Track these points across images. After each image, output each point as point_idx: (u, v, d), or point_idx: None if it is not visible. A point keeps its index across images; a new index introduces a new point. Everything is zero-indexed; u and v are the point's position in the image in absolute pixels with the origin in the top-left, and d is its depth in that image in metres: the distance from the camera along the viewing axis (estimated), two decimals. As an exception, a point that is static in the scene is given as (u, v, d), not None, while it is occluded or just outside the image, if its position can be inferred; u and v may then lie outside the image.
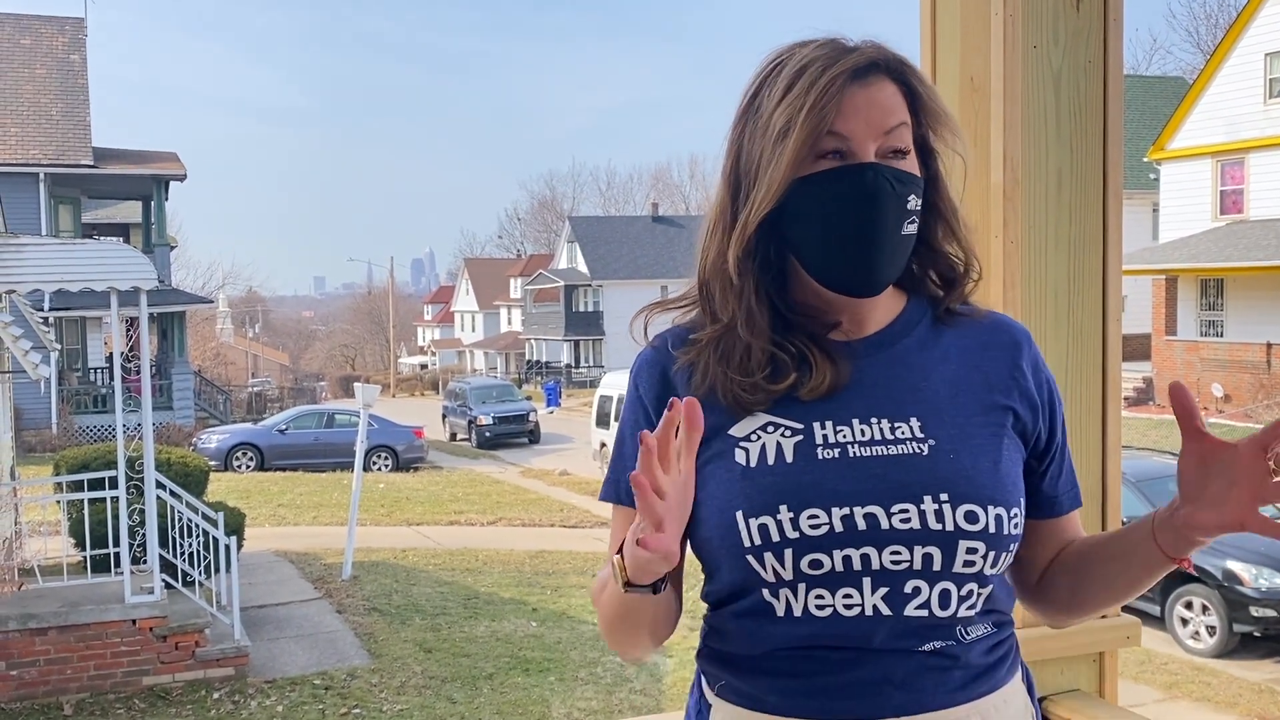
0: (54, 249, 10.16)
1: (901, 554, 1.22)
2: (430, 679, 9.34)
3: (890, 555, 1.22)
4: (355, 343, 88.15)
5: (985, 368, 1.33)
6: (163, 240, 30.15)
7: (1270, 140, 25.33)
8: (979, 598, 1.26)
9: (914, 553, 1.22)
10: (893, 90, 1.26)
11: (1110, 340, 1.87)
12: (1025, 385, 1.33)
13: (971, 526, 1.22)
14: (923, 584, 1.23)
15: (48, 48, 30.12)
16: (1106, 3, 1.83)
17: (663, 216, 65.85)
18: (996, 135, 1.79)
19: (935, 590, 1.23)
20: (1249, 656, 10.58)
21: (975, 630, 1.27)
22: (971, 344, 1.34)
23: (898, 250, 1.26)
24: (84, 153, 28.15)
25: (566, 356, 59.76)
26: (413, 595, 12.19)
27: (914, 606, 1.23)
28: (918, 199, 1.27)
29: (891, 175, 1.24)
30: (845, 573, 1.23)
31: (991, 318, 1.39)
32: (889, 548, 1.22)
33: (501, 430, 31.82)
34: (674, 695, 9.13)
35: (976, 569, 1.24)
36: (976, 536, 1.23)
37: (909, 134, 1.27)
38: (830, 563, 1.22)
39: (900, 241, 1.26)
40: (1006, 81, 1.78)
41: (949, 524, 1.22)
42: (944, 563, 1.23)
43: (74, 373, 29.32)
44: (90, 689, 8.90)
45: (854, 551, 1.22)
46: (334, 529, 16.15)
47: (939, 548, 1.22)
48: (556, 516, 18.95)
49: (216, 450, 24.59)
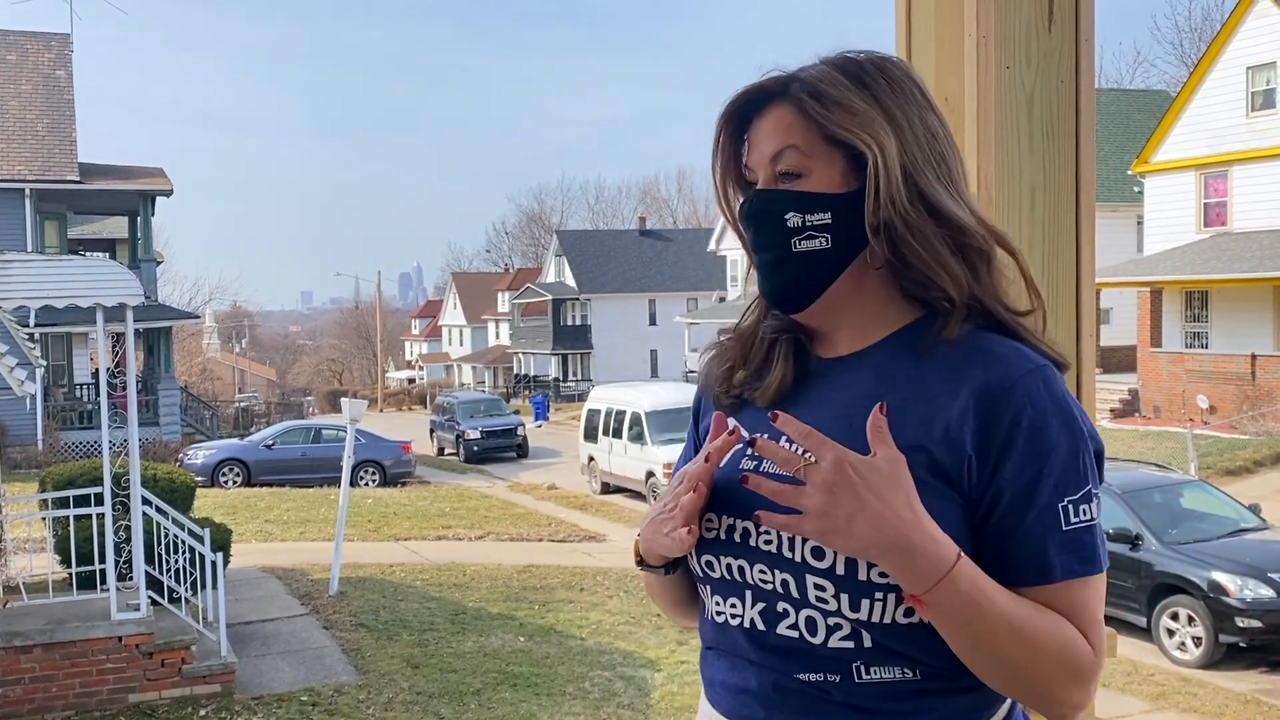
0: (40, 265, 10.13)
1: (767, 574, 1.24)
2: (418, 695, 9.31)
3: (759, 572, 1.25)
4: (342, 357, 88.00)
5: (935, 402, 1.21)
6: (149, 255, 30.09)
7: (1253, 153, 25.50)
8: (861, 633, 1.20)
9: (774, 575, 1.24)
10: (782, 114, 1.29)
11: (1085, 356, 1.89)
12: (960, 427, 1.19)
13: (817, 563, 1.19)
14: (789, 607, 1.23)
15: (33, 63, 30.07)
16: (1078, 25, 1.86)
17: (651, 230, 65.94)
18: (970, 154, 1.82)
19: (801, 615, 1.22)
20: (1235, 667, 10.62)
21: (878, 672, 1.20)
22: (936, 375, 1.23)
23: (798, 268, 1.27)
24: (70, 168, 28.09)
25: (554, 370, 59.74)
26: (400, 610, 12.16)
27: (785, 626, 1.24)
28: (804, 215, 1.26)
29: (762, 198, 1.30)
30: (730, 581, 1.29)
31: (995, 352, 1.23)
32: (758, 564, 1.25)
33: (489, 444, 31.78)
34: (661, 710, 9.12)
35: (831, 607, 1.20)
36: (822, 574, 1.19)
37: (797, 155, 1.26)
38: (719, 568, 1.30)
39: (797, 259, 1.27)
40: (980, 101, 1.80)
41: (796, 555, 1.21)
42: (799, 591, 1.21)
43: (60, 388, 29.21)
44: (76, 707, 8.85)
45: (733, 561, 1.28)
46: (321, 544, 16.10)
47: (791, 576, 1.22)
48: (545, 531, 18.92)
49: (203, 466, 24.51)
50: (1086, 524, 1.17)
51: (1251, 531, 11.87)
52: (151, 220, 30.23)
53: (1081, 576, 1.17)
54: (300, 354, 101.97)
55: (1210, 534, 11.63)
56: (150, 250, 30.52)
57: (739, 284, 49.10)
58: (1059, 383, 1.22)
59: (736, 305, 47.87)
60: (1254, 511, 12.45)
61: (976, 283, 1.26)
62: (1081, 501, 1.17)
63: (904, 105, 1.26)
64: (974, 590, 1.12)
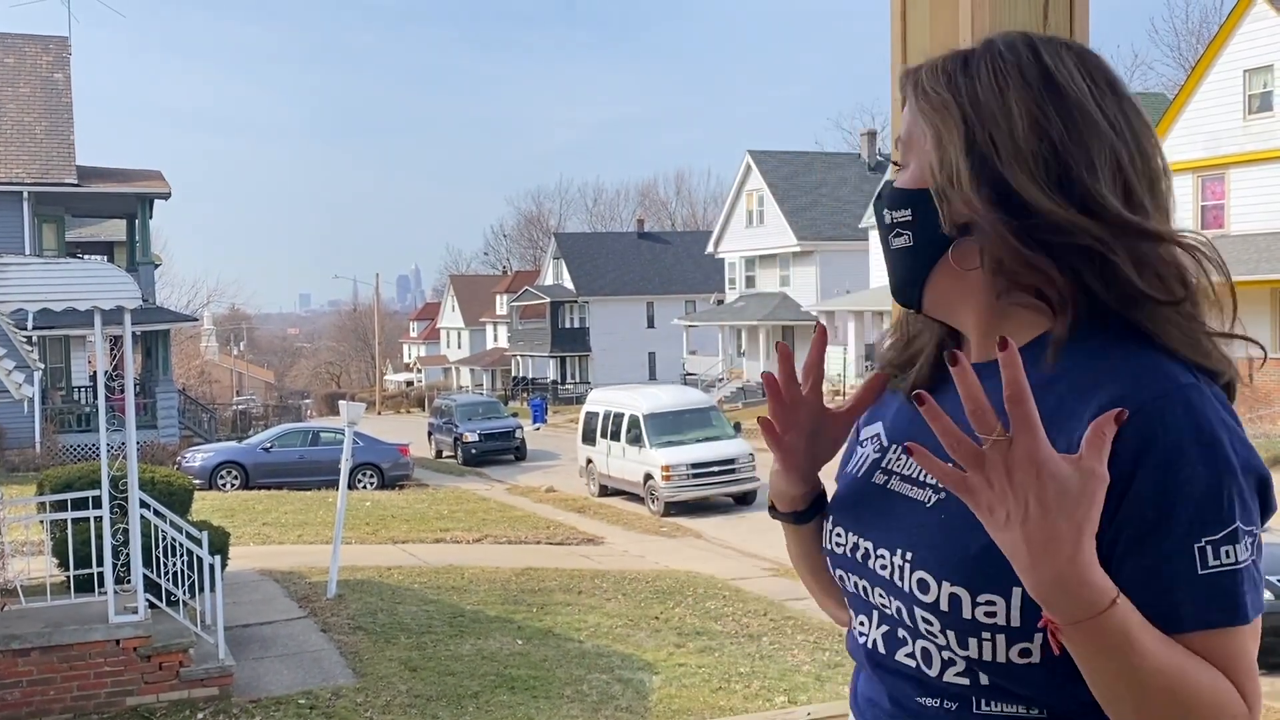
0: (38, 268, 10.14)
1: (885, 599, 1.19)
2: (415, 698, 9.31)
3: (879, 595, 1.20)
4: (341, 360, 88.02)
5: (1062, 425, 1.07)
6: (147, 258, 30.09)
7: (1250, 156, 25.54)
8: (975, 671, 1.12)
9: (891, 601, 1.18)
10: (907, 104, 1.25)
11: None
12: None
13: (923, 596, 1.12)
14: (906, 635, 1.17)
15: (32, 66, 30.07)
16: (1073, 27, 1.86)
17: (649, 233, 65.98)
18: (967, 158, 1.82)
19: (917, 645, 1.16)
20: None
21: (999, 705, 1.12)
22: (1066, 391, 1.11)
23: (896, 265, 1.24)
24: (68, 171, 28.08)
25: (552, 373, 59.75)
26: (398, 613, 12.16)
27: (903, 654, 1.18)
28: (895, 212, 1.22)
29: (879, 193, 1.26)
30: (858, 598, 1.25)
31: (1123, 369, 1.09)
32: (877, 588, 1.20)
33: (487, 447, 31.79)
34: (659, 712, 9.12)
35: (940, 642, 1.13)
36: (928, 609, 1.12)
37: (901, 148, 1.23)
38: (849, 584, 1.27)
39: (894, 256, 1.24)
40: (976, 105, 1.81)
41: (906, 585, 1.15)
42: (911, 621, 1.15)
43: (58, 391, 29.20)
44: (73, 710, 8.84)
45: (858, 580, 1.24)
46: (319, 547, 16.09)
47: (903, 605, 1.16)
48: (543, 533, 18.93)
49: (201, 469, 24.50)
50: (1229, 568, 1.01)
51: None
52: (149, 223, 30.23)
53: (1221, 627, 1.02)
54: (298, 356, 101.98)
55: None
56: (148, 253, 30.52)
57: (737, 286, 49.11)
58: (1207, 404, 1.06)
59: (734, 308, 47.87)
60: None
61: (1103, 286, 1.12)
62: (1225, 543, 1.02)
63: (1002, 92, 1.14)
64: (1124, 637, 0.99)
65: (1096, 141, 1.13)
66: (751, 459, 22.21)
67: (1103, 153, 1.13)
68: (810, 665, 10.72)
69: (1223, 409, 1.07)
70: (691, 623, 12.37)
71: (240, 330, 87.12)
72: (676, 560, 16.78)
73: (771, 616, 12.67)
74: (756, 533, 19.04)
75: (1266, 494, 1.07)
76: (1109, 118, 1.14)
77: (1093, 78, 1.16)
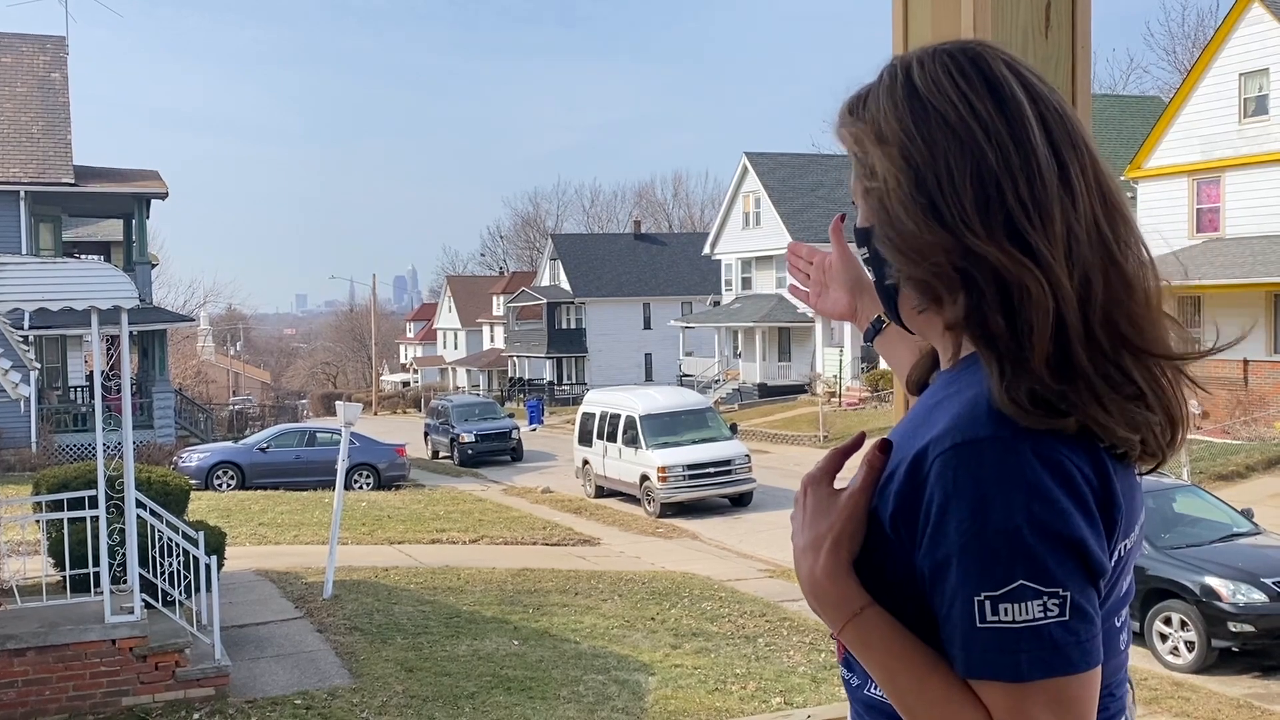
0: (34, 268, 10.13)
1: None
2: (412, 698, 9.30)
3: None
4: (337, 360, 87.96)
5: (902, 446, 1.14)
6: (144, 258, 30.07)
7: (1245, 159, 25.59)
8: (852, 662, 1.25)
9: None
10: None
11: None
12: (889, 482, 1.13)
13: None
14: None
15: (29, 66, 30.04)
16: (1075, 30, 1.87)
17: (646, 234, 66.04)
18: (967, 160, 1.83)
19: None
20: (1227, 672, 10.64)
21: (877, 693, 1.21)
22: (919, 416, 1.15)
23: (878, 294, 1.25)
24: (65, 171, 28.06)
25: (549, 374, 59.75)
26: (394, 614, 12.15)
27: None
28: (860, 249, 1.24)
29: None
30: None
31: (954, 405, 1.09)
32: None
33: (484, 448, 31.78)
34: (655, 713, 9.12)
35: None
36: None
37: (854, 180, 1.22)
38: None
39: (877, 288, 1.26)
40: (977, 107, 1.81)
41: None
42: None
43: (54, 391, 29.17)
44: (69, 710, 8.83)
45: None
46: (315, 548, 16.08)
47: None
48: (539, 534, 18.92)
49: (197, 469, 24.48)
50: (1007, 625, 1.00)
51: (1244, 536, 11.90)
52: (146, 223, 30.21)
53: (994, 680, 1.01)
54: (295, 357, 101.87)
55: (1203, 539, 11.66)
56: (145, 253, 30.50)
57: (733, 287, 49.13)
58: (1002, 460, 1.02)
59: (731, 309, 47.89)
60: (1246, 516, 12.48)
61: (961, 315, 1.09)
62: (1005, 600, 1.00)
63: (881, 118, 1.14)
64: (880, 644, 1.09)
65: (956, 153, 1.08)
66: (748, 460, 22.22)
67: (965, 164, 1.08)
68: (806, 666, 10.72)
69: (1030, 465, 1.02)
70: (688, 624, 12.37)
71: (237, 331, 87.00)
72: (672, 561, 16.79)
73: (768, 618, 12.68)
74: (753, 534, 19.05)
75: (1075, 554, 1.02)
76: (982, 124, 1.09)
77: (969, 84, 1.11)
